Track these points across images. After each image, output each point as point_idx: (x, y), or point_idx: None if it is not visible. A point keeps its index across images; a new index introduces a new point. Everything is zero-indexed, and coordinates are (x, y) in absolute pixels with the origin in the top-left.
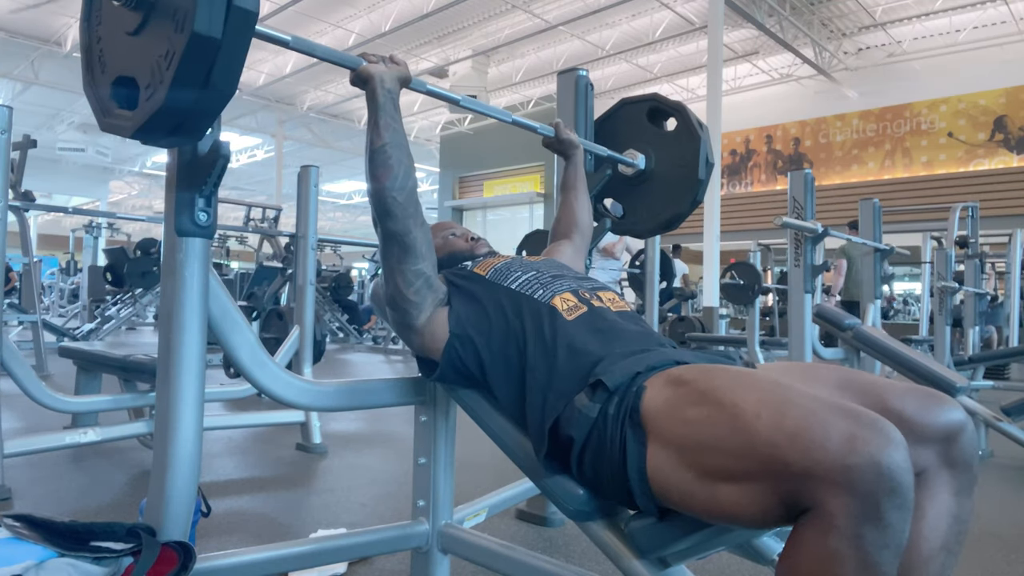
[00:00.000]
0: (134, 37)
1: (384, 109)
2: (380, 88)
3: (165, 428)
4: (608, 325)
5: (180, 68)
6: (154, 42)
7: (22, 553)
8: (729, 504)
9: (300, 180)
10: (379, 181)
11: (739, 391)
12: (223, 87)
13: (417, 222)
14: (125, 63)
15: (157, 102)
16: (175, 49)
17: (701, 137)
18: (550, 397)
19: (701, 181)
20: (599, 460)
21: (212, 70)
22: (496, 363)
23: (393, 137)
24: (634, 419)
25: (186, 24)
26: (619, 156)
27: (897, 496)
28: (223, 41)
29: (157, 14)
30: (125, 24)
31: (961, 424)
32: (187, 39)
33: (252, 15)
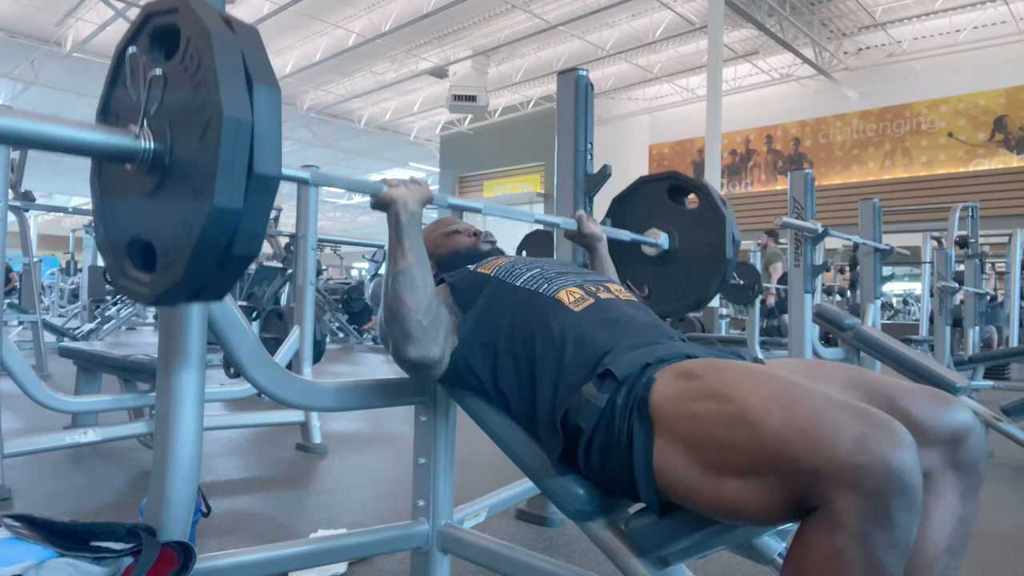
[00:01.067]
0: (150, 199)
1: (408, 232)
2: (403, 212)
3: (165, 428)
4: (616, 316)
5: (200, 240)
6: (171, 207)
7: (22, 553)
8: (735, 499)
9: None
10: (404, 303)
11: (749, 386)
12: (246, 254)
13: (438, 340)
14: (141, 225)
15: (176, 274)
16: (194, 221)
17: (726, 216)
18: (560, 390)
19: (728, 260)
20: (606, 451)
21: (234, 240)
22: (504, 363)
23: (418, 259)
24: (642, 410)
25: (205, 195)
26: (642, 238)
27: (906, 497)
28: (244, 210)
29: (174, 178)
30: (140, 185)
31: (969, 426)
32: (207, 213)
33: (274, 180)
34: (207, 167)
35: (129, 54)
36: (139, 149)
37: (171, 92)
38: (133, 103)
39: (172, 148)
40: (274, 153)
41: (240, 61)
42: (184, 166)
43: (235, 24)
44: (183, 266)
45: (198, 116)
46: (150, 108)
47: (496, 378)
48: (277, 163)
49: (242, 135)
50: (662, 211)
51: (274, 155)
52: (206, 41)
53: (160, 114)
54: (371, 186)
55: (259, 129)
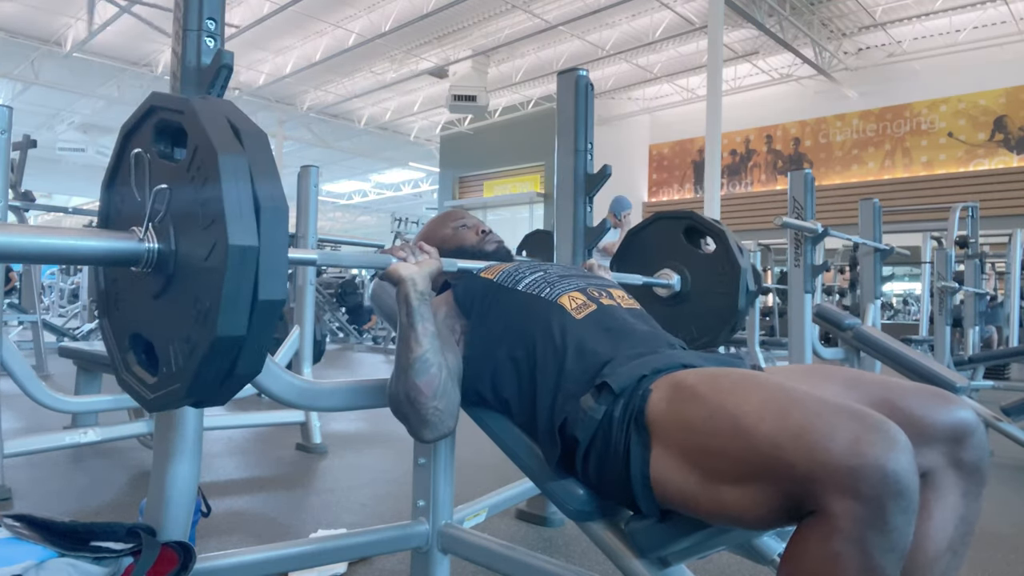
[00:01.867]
0: (154, 300)
1: (419, 313)
2: (413, 292)
3: (165, 428)
4: (618, 324)
5: (202, 364)
6: (175, 317)
7: (22, 553)
8: (733, 506)
9: (300, 180)
10: (421, 392)
11: (743, 393)
12: (248, 372)
13: (454, 414)
14: (144, 324)
15: (179, 388)
16: (198, 342)
17: (742, 266)
18: (559, 399)
19: (740, 311)
20: (603, 462)
21: (237, 362)
22: (505, 367)
23: (431, 343)
24: (639, 422)
25: (208, 321)
26: (654, 280)
27: (902, 499)
28: (248, 334)
29: (178, 285)
30: (144, 285)
31: (971, 425)
32: (211, 339)
33: (279, 304)
34: (212, 292)
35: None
36: (143, 251)
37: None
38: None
39: (177, 252)
40: (280, 277)
41: (248, 183)
42: (189, 276)
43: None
44: (186, 383)
45: (205, 234)
46: (155, 214)
47: (496, 386)
48: (282, 288)
49: (248, 263)
50: (676, 250)
51: (280, 281)
52: (212, 159)
53: (165, 219)
54: (378, 261)
55: (265, 253)
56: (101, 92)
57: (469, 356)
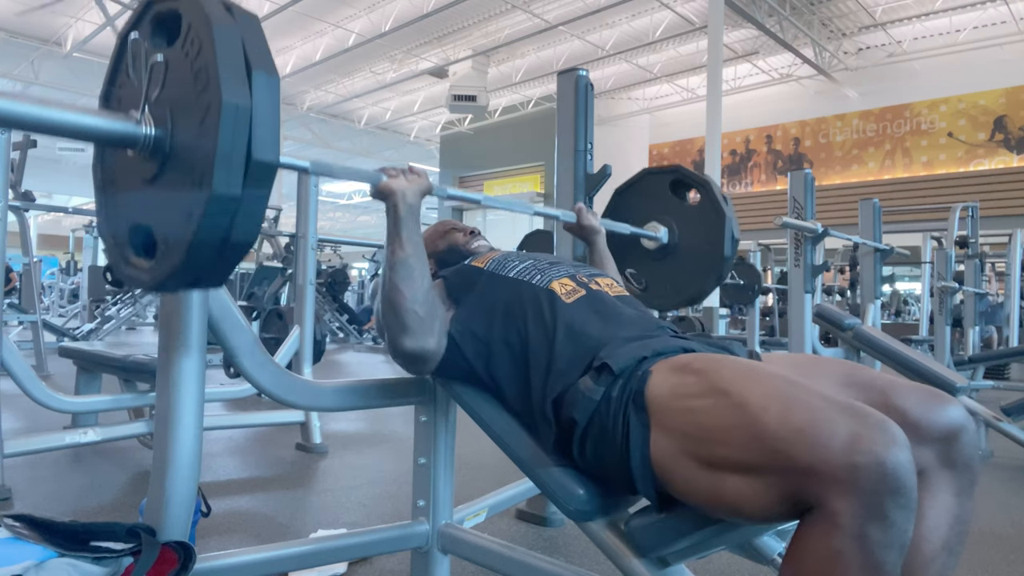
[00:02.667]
0: (150, 185)
1: (406, 223)
2: (402, 203)
3: (165, 428)
4: (607, 308)
5: (199, 228)
6: (171, 194)
7: (22, 553)
8: (733, 496)
9: (300, 180)
10: (401, 293)
11: (746, 383)
12: (244, 239)
13: (434, 332)
14: (141, 211)
15: (176, 260)
16: (193, 208)
17: (726, 214)
18: (551, 377)
19: (726, 259)
20: (601, 443)
21: (232, 226)
22: (499, 351)
23: (415, 250)
24: (638, 403)
25: (204, 182)
26: (641, 231)
27: (901, 496)
28: (243, 197)
29: (174, 165)
30: (141, 172)
31: (962, 424)
32: (206, 199)
33: (272, 167)
34: (206, 154)
35: (131, 39)
36: (140, 135)
37: (172, 78)
38: (135, 89)
39: (173, 134)
40: (272, 140)
41: (240, 48)
42: (184, 152)
43: (236, 11)
44: (182, 254)
45: (198, 102)
46: (151, 94)
47: (489, 367)
48: (275, 150)
49: (241, 121)
50: (664, 205)
51: (272, 142)
52: (207, 28)
53: (161, 100)
54: (370, 176)
55: (258, 116)
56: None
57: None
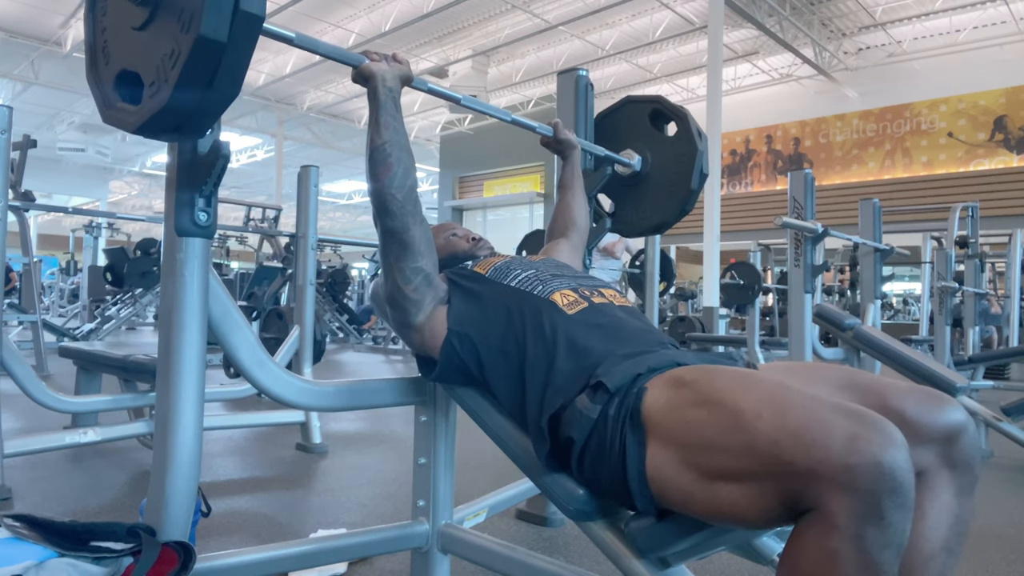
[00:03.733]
0: (140, 32)
1: (385, 107)
2: (382, 86)
3: (165, 428)
4: (609, 321)
5: (185, 69)
6: (160, 39)
7: (22, 553)
8: (730, 505)
9: (300, 180)
10: (379, 179)
11: (740, 391)
12: (227, 89)
13: (416, 220)
14: (130, 58)
15: (161, 100)
16: (180, 49)
17: (699, 148)
18: (548, 393)
19: (693, 191)
20: (599, 461)
21: (217, 72)
22: (495, 359)
23: (393, 136)
24: (634, 420)
25: (192, 25)
26: (616, 156)
27: (898, 496)
28: (229, 44)
29: (164, 11)
30: (131, 19)
31: (962, 425)
32: (193, 41)
33: (258, 19)
34: None
35: None
36: None
37: None
38: None
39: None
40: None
41: None
42: None
43: None
44: (167, 94)
45: None
46: None
47: (484, 372)
48: (262, 3)
49: None
50: (641, 133)
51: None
52: None
53: None
54: (352, 57)
55: None
56: None
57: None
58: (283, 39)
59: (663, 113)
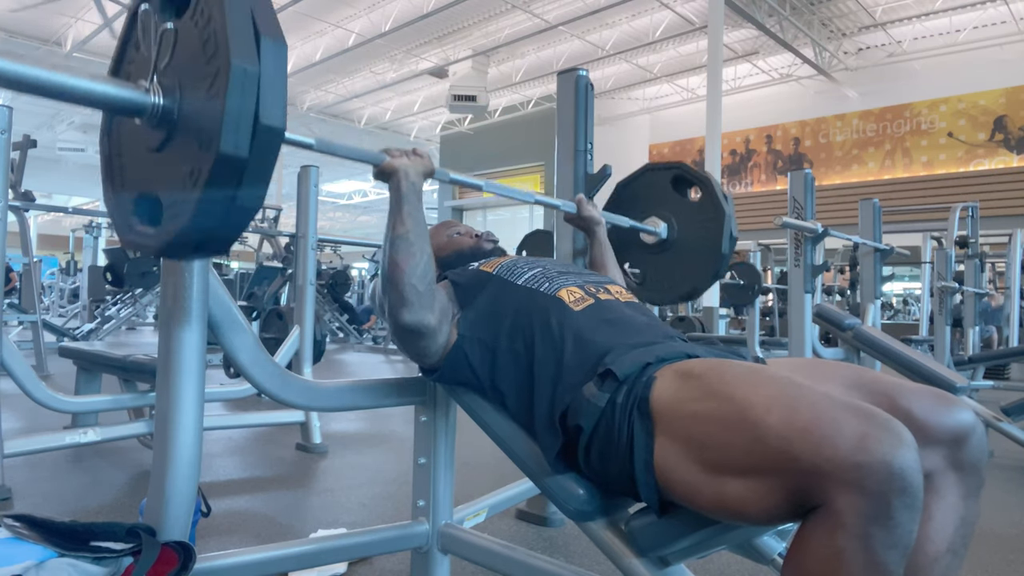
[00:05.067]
0: (157, 154)
1: (408, 200)
2: (404, 181)
3: (165, 428)
4: (616, 316)
5: (206, 189)
6: (178, 160)
7: (22, 553)
8: (736, 500)
9: (300, 180)
10: (399, 268)
11: (750, 386)
12: (250, 205)
13: (433, 309)
14: (147, 180)
15: (182, 223)
16: (200, 169)
17: (726, 212)
18: (559, 389)
19: (724, 256)
20: (606, 450)
21: (239, 190)
22: (504, 361)
23: (416, 226)
24: (642, 409)
25: (212, 144)
26: (641, 225)
27: (907, 496)
28: (250, 160)
29: (181, 132)
30: (147, 141)
31: (971, 426)
32: (213, 159)
33: (279, 131)
34: (214, 117)
35: (141, 11)
36: (148, 103)
37: (181, 47)
38: (144, 60)
39: (181, 103)
40: (280, 107)
41: (249, 15)
42: (192, 119)
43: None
44: (188, 216)
45: (207, 68)
46: (160, 63)
47: (494, 375)
48: (282, 116)
49: (249, 84)
50: (664, 200)
51: (280, 109)
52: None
53: (170, 69)
54: (373, 156)
55: (266, 80)
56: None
57: (467, 347)
58: (304, 146)
59: (685, 179)
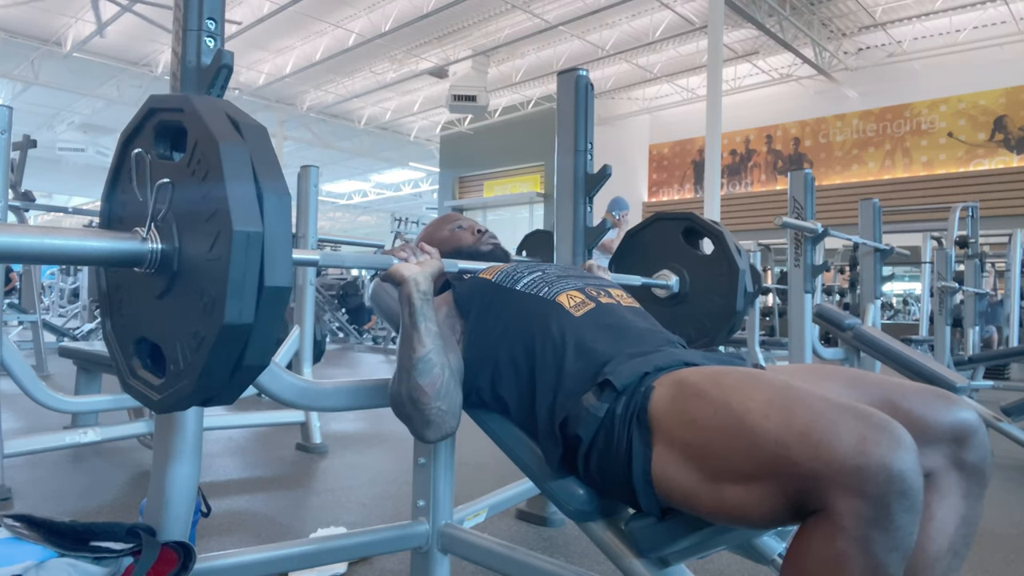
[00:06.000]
0: (159, 301)
1: (422, 313)
2: (416, 292)
3: (165, 428)
4: (616, 321)
5: (211, 356)
6: (180, 315)
7: (22, 553)
8: (735, 505)
9: (300, 180)
10: (424, 392)
11: (747, 391)
12: (257, 364)
13: (456, 414)
14: (149, 326)
15: (188, 385)
16: (205, 335)
17: (740, 267)
18: (560, 397)
19: (739, 313)
20: (605, 460)
21: (245, 353)
22: (505, 369)
23: (434, 342)
24: (641, 419)
25: (215, 310)
26: (653, 281)
27: (906, 499)
28: (256, 324)
29: (182, 284)
30: (148, 286)
31: (973, 426)
32: (218, 328)
33: (286, 292)
34: (217, 281)
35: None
36: (147, 251)
37: (179, 195)
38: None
39: (180, 250)
40: (285, 264)
41: (249, 170)
42: (193, 271)
43: (242, 126)
44: (194, 379)
45: (207, 225)
46: (157, 212)
47: (495, 385)
48: (288, 274)
49: (252, 249)
50: (675, 251)
51: (285, 265)
52: (213, 149)
53: (168, 217)
54: (380, 262)
55: (269, 240)
56: (101, 92)
57: (469, 356)
58: (310, 263)
59: (696, 231)
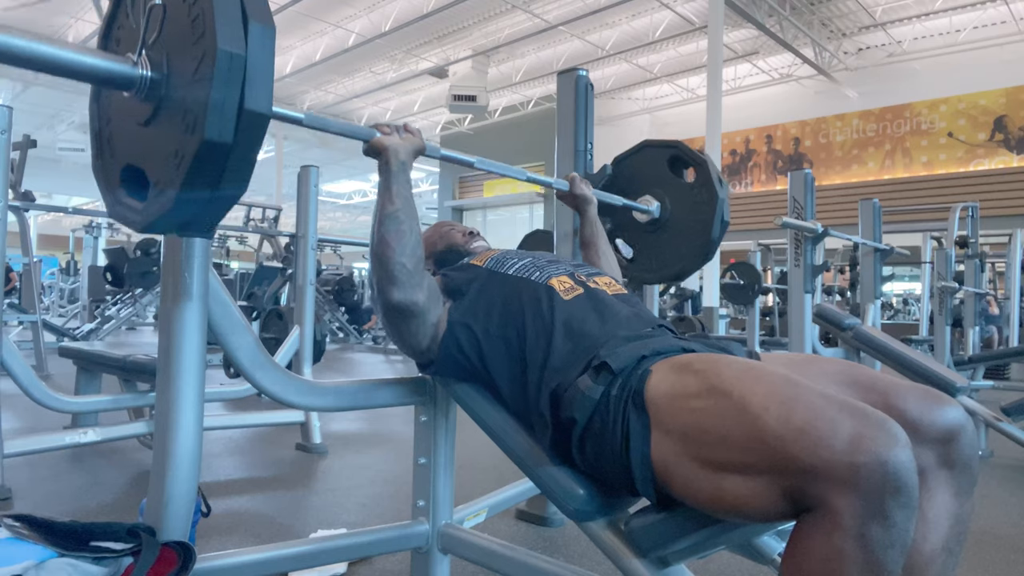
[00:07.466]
0: (144, 128)
1: (397, 178)
2: (394, 159)
3: (165, 428)
4: (605, 307)
5: (190, 172)
6: (164, 137)
7: (22, 553)
8: (733, 496)
9: (300, 180)
10: (389, 246)
11: (747, 383)
12: (234, 189)
13: (422, 288)
14: (134, 153)
15: (166, 203)
16: (185, 152)
17: (719, 196)
18: (546, 373)
19: (714, 240)
20: (601, 442)
21: (223, 174)
22: (496, 347)
23: (405, 204)
24: (637, 402)
25: (196, 128)
26: (634, 204)
27: (902, 495)
28: (234, 145)
29: (167, 109)
30: (135, 114)
31: (961, 424)
32: (197, 144)
33: (265, 118)
34: (200, 100)
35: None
36: (136, 76)
37: (169, 23)
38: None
39: (168, 78)
40: (266, 91)
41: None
42: (179, 97)
43: None
44: (172, 198)
45: (194, 49)
46: (148, 38)
47: (486, 361)
48: (268, 101)
49: (235, 70)
50: (660, 179)
51: (266, 93)
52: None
53: (158, 44)
54: (363, 132)
55: (252, 65)
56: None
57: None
58: (293, 121)
59: (682, 159)
